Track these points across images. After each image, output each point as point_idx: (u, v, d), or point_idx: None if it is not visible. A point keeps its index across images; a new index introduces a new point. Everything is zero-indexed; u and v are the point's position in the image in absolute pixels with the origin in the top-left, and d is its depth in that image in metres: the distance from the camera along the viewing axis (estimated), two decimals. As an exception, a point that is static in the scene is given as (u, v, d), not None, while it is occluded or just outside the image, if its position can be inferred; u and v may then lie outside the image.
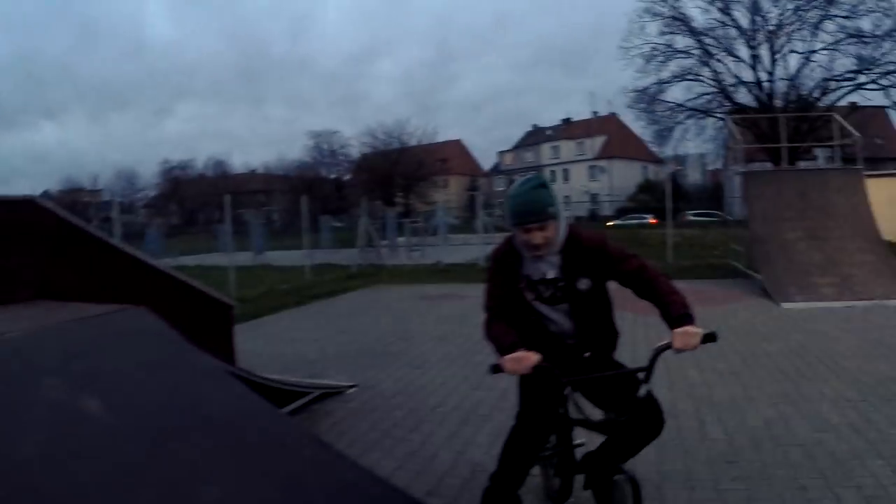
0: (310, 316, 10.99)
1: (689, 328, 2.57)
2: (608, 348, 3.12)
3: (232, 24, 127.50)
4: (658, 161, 61.03)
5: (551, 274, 2.92)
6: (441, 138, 69.41)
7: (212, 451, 2.82)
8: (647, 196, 57.44)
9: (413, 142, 61.90)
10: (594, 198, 64.99)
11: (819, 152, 34.83)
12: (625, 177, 68.48)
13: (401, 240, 28.60)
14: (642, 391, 2.64)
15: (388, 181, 58.51)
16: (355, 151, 66.01)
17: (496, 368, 2.68)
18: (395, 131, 61.54)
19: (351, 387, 6.05)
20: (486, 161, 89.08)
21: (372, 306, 11.94)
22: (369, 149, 62.92)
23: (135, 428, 2.72)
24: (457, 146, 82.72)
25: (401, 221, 32.43)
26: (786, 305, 10.38)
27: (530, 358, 2.62)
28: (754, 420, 4.95)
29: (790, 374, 6.22)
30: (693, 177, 70.78)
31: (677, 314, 2.64)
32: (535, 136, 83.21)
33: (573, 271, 2.90)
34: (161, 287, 5.02)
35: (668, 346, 2.60)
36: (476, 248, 20.04)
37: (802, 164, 27.24)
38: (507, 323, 2.89)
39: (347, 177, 68.40)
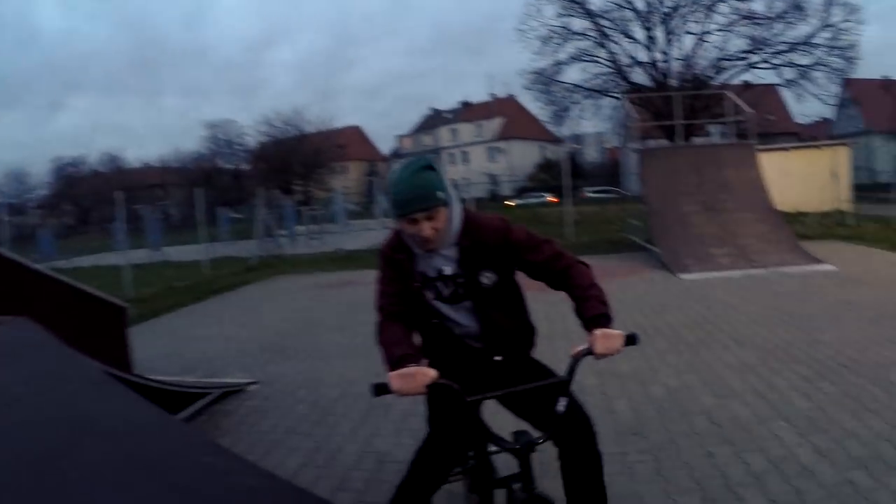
0: (209, 312, 10.73)
1: (608, 330, 2.28)
2: (524, 347, 2.75)
3: (125, 12, 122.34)
4: (556, 141, 62.33)
5: (448, 269, 2.54)
6: (339, 124, 69.02)
7: (103, 466, 2.71)
8: (546, 175, 58.68)
9: (311, 129, 61.14)
10: (494, 179, 65.95)
11: (713, 129, 36.35)
12: (523, 157, 69.82)
13: (300, 228, 28.23)
14: (560, 406, 2.27)
15: (286, 169, 57.60)
16: (252, 141, 64.78)
17: (381, 389, 2.16)
18: (292, 119, 60.70)
19: (252, 383, 5.94)
20: (385, 146, 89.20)
21: (272, 298, 11.75)
22: (266, 137, 61.81)
23: (18, 448, 2.60)
24: (355, 132, 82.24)
25: (299, 210, 32.03)
26: (684, 276, 10.79)
27: (424, 375, 2.14)
28: (658, 391, 5.13)
29: (691, 343, 6.48)
30: (591, 155, 72.83)
31: (594, 314, 2.34)
32: (434, 120, 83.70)
33: (473, 265, 2.52)
34: (47, 293, 4.81)
35: (588, 352, 2.28)
36: (376, 233, 20.05)
37: (697, 141, 28.32)
38: (404, 326, 2.49)
39: (245, 167, 66.98)
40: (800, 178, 20.29)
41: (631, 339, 2.30)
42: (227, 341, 8.00)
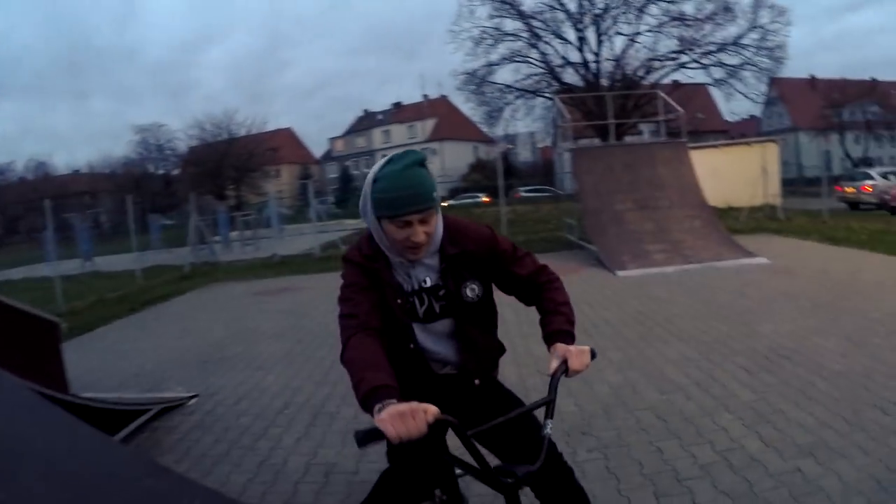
0: (145, 323, 10.44)
1: (580, 346, 2.15)
2: (492, 370, 2.51)
3: (52, 13, 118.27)
4: (489, 141, 62.89)
5: (429, 281, 2.29)
6: (271, 127, 67.98)
7: (39, 497, 2.62)
8: (480, 175, 59.23)
9: (242, 132, 60.08)
10: (426, 182, 66.01)
11: (645, 128, 37.19)
12: (457, 158, 70.18)
13: (234, 234, 27.79)
14: (547, 429, 2.05)
15: (218, 174, 56.41)
16: (183, 145, 63.38)
17: (370, 436, 1.65)
18: (223, 122, 59.49)
19: (192, 397, 5.81)
20: (318, 148, 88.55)
21: (208, 307, 11.51)
22: (197, 141, 60.53)
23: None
24: (287, 134, 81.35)
25: (233, 215, 31.53)
26: (621, 273, 10.99)
27: (425, 412, 1.68)
28: (603, 388, 5.20)
29: (632, 339, 6.58)
30: (524, 155, 73.67)
31: (562, 328, 2.23)
32: (367, 121, 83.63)
33: (458, 276, 2.29)
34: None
35: (565, 370, 2.13)
36: (311, 237, 19.82)
37: (629, 140, 28.87)
38: (381, 343, 2.06)
39: (176, 172, 65.57)
40: (731, 175, 20.95)
41: (593, 354, 2.19)
42: (164, 354, 7.79)
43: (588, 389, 5.17)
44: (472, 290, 2.31)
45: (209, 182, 55.22)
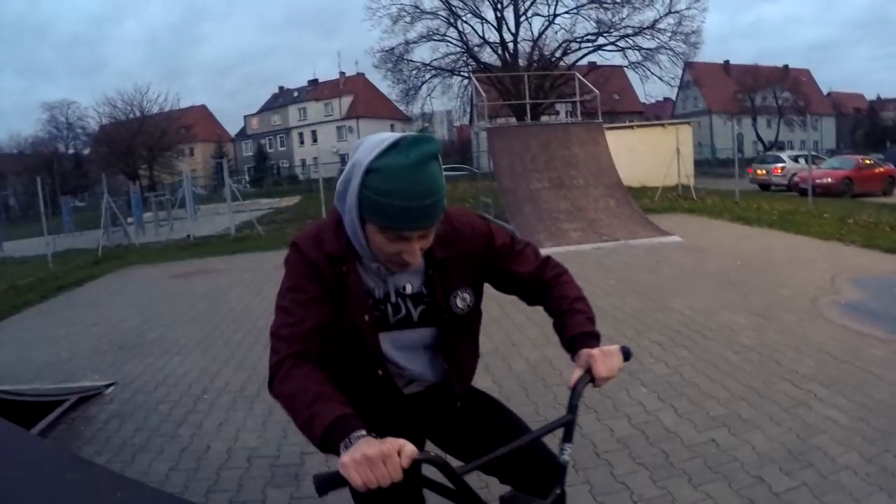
0: (58, 311, 10.15)
1: (606, 348, 1.81)
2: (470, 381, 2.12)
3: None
4: (405, 119, 62.62)
5: (411, 287, 1.87)
6: (185, 104, 65.99)
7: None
8: (397, 154, 58.87)
9: (155, 109, 58.30)
10: (344, 158, 65.47)
11: (561, 108, 37.68)
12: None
13: (147, 215, 27.08)
14: (566, 455, 1.74)
15: (130, 153, 54.66)
16: (94, 123, 61.13)
17: (331, 482, 1.38)
18: (135, 99, 57.58)
19: (109, 385, 5.78)
20: (233, 126, 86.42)
21: (123, 291, 11.28)
22: (109, 119, 58.44)
23: None
24: (202, 112, 79.29)
25: (146, 196, 30.75)
26: (537, 251, 11.23)
27: (400, 452, 1.37)
28: (520, 365, 5.41)
29: (548, 316, 6.78)
30: (440, 133, 73.72)
31: (583, 331, 1.87)
32: (282, 99, 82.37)
33: (447, 283, 1.87)
34: None
35: (589, 380, 1.78)
36: (226, 217, 19.57)
37: (546, 119, 29.26)
38: (323, 374, 1.64)
39: (87, 151, 63.24)
40: (645, 155, 21.69)
41: (627, 354, 1.85)
42: (79, 341, 7.66)
43: (506, 366, 5.39)
44: (462, 301, 1.91)
45: (121, 162, 53.58)
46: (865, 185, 23.09)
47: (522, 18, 36.39)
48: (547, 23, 36.45)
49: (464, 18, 36.56)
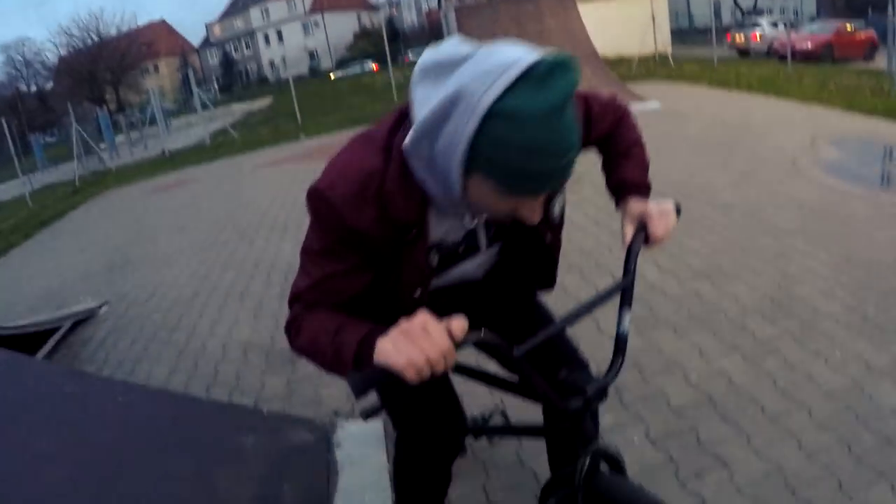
0: (43, 246, 10.08)
1: (662, 204, 1.62)
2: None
3: None
4: (371, 8, 60.64)
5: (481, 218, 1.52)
6: (143, 20, 64.21)
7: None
8: (366, 43, 57.66)
9: (113, 31, 56.56)
10: (312, 54, 64.03)
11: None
12: (340, 28, 68.33)
13: (120, 138, 26.64)
14: (626, 323, 1.54)
15: (94, 79, 53.40)
16: (53, 56, 59.48)
17: (368, 380, 1.12)
18: (90, 24, 55.77)
19: (102, 305, 5.78)
20: (195, 36, 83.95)
21: (105, 215, 11.19)
22: (67, 50, 56.80)
23: None
24: (162, 27, 77.09)
25: (115, 118, 30.16)
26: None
27: (450, 326, 1.09)
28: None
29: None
30: (409, 19, 71.40)
31: (635, 180, 1.66)
32: (242, 1, 79.32)
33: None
34: None
35: (644, 238, 1.60)
36: (199, 128, 19.27)
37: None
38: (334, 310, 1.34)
39: (49, 86, 61.78)
40: (620, 25, 20.93)
41: (679, 211, 1.67)
42: (68, 270, 7.63)
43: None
44: (560, 206, 1.58)
45: (86, 89, 52.46)
46: (846, 51, 22.31)
47: None
48: None
49: None
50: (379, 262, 1.38)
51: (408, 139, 1.21)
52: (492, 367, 1.59)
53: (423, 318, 1.09)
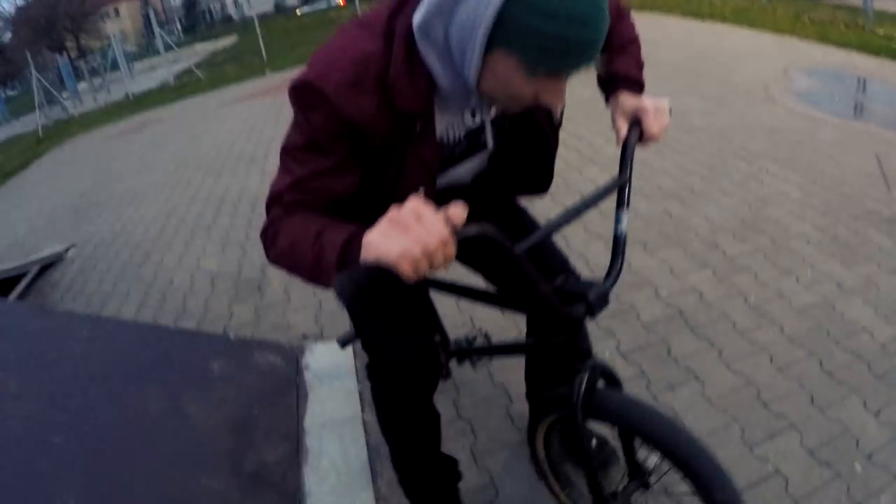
0: (7, 197, 9.83)
1: (657, 100, 1.55)
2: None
3: None
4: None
5: (477, 119, 1.42)
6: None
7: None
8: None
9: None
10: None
11: None
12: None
13: (82, 85, 25.98)
14: (623, 224, 1.51)
15: (53, 27, 51.89)
16: (9, 6, 57.70)
17: (358, 276, 0.95)
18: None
19: (68, 248, 5.68)
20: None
21: (70, 162, 10.91)
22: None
23: None
24: (120, -32, 74.46)
25: (77, 66, 29.41)
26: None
27: (451, 216, 0.95)
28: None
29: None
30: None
31: (628, 73, 1.58)
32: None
33: None
34: None
35: (639, 135, 1.54)
36: (163, 70, 18.82)
37: None
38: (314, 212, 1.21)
39: (8, 37, 60.06)
40: None
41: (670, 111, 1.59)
42: (34, 218, 7.46)
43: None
44: (561, 105, 1.40)
45: (45, 38, 51.05)
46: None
47: None
48: None
49: None
50: (372, 159, 1.27)
51: (418, 18, 1.12)
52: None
53: (415, 204, 0.95)
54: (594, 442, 1.83)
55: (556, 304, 1.34)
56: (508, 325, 3.05)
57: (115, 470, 2.23)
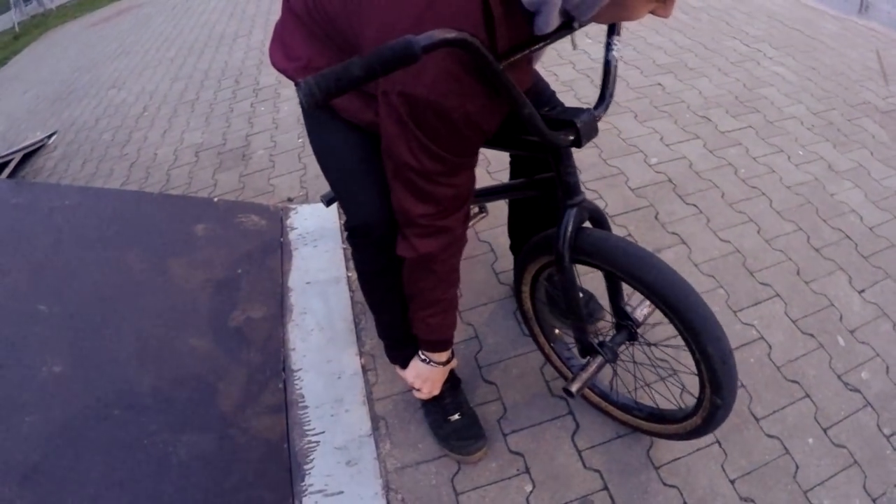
0: (-13, 95, 9.67)
1: None
2: None
3: None
4: None
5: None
6: None
7: None
8: None
9: None
10: None
11: None
12: None
13: (58, -24, 25.09)
14: (614, 51, 1.43)
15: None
16: None
17: (315, 87, 0.87)
18: None
19: (51, 135, 5.54)
20: None
21: (49, 54, 10.57)
22: None
23: None
24: None
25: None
26: None
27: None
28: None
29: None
30: None
31: None
32: None
33: None
34: None
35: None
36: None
37: None
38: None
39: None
40: None
41: None
42: (16, 112, 7.24)
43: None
44: None
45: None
46: None
47: None
48: None
49: None
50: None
51: None
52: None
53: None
54: (581, 296, 1.76)
55: (538, 128, 1.25)
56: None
57: (99, 333, 2.21)
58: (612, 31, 1.44)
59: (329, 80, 0.86)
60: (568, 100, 3.71)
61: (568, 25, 1.20)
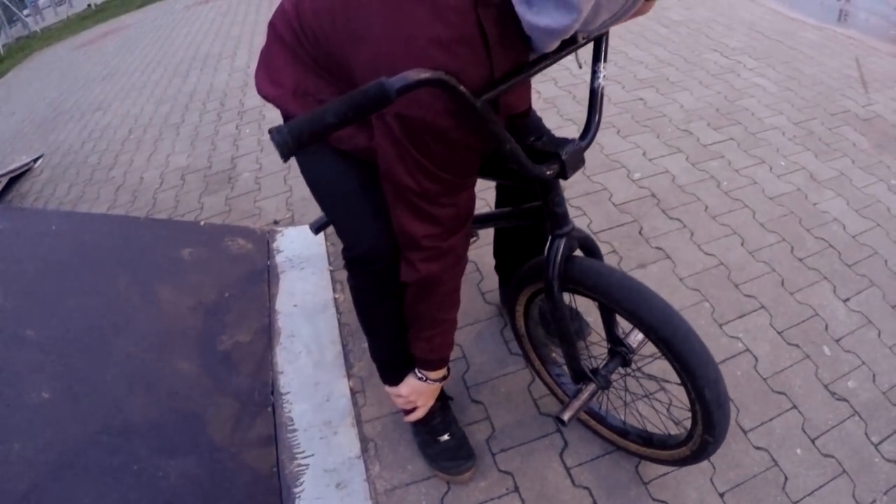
0: (-30, 120, 9.64)
1: None
2: None
3: None
4: None
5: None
6: None
7: None
8: None
9: None
10: None
11: None
12: None
13: (42, 0, 25.08)
14: (600, 78, 1.47)
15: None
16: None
17: (284, 135, 0.83)
18: None
19: (37, 159, 5.52)
20: None
21: (34, 77, 10.55)
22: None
23: None
24: None
25: (35, -20, 28.25)
26: None
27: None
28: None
29: None
30: None
31: None
32: None
33: None
34: None
35: None
36: (124, -24, 18.03)
37: None
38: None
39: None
40: None
41: None
42: (1, 134, 7.29)
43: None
44: None
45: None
46: None
47: None
48: None
49: None
50: None
51: None
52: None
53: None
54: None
55: (521, 162, 1.25)
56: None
57: (87, 359, 2.20)
58: (598, 58, 1.43)
59: (302, 127, 0.84)
60: (551, 118, 3.73)
61: (572, 41, 1.20)
